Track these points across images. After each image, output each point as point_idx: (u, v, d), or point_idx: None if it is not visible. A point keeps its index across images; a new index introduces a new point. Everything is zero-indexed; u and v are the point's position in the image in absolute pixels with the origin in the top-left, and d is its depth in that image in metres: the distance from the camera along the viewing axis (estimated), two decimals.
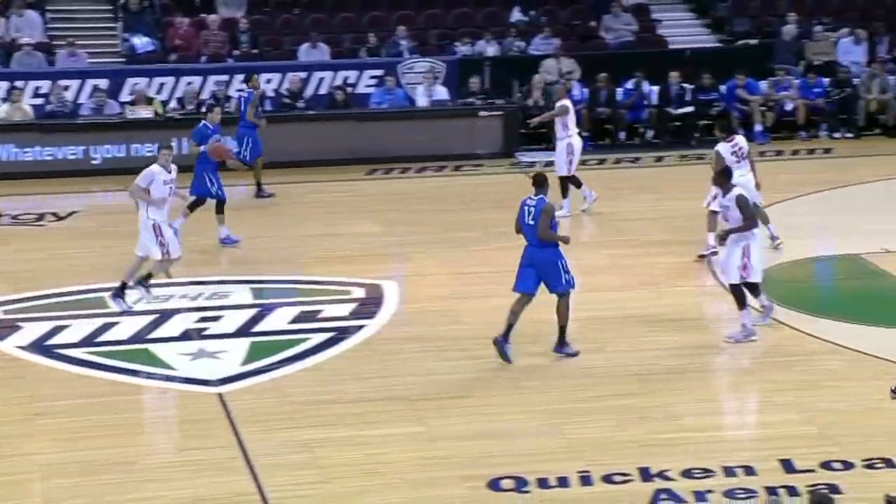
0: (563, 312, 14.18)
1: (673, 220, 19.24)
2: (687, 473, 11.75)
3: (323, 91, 23.74)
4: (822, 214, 19.61)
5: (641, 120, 23.74)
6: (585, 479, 11.69)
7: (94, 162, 22.47)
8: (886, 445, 12.15)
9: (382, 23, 25.56)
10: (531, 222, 13.87)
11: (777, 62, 24.41)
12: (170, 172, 15.65)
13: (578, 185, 19.50)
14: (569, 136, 19.30)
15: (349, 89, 23.64)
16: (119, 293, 15.72)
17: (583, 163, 22.27)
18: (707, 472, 11.77)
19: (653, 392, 13.53)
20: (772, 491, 11.25)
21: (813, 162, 23.06)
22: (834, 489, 11.21)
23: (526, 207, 13.92)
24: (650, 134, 23.68)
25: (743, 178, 16.59)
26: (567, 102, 19.59)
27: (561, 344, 14.31)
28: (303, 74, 23.67)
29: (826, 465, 11.84)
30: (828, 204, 19.80)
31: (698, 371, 13.99)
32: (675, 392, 13.54)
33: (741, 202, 14.45)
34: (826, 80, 23.80)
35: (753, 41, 25.31)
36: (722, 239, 14.77)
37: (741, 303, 14.67)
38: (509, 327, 14.09)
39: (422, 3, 26.25)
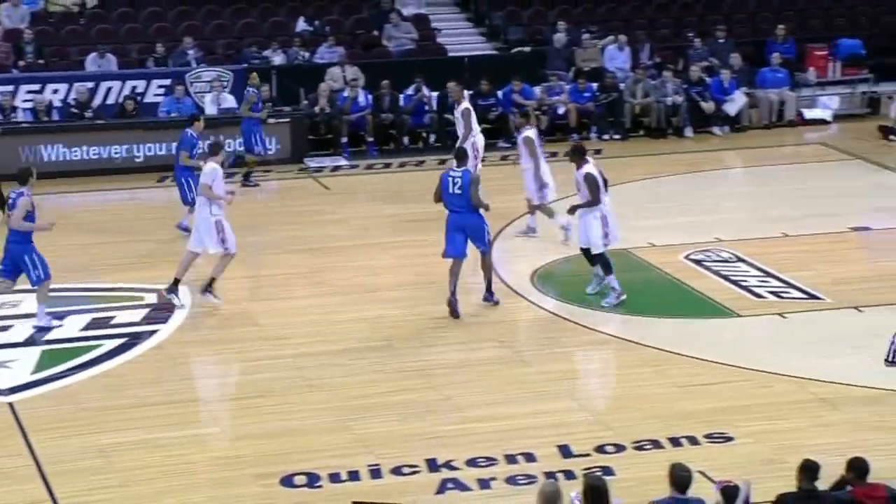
0: (487, 267, 15.75)
1: None
2: (472, 462, 11.95)
3: (111, 101, 23.31)
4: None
5: (424, 125, 23.95)
6: (375, 473, 11.79)
7: None
8: (654, 428, 12.57)
9: (169, 33, 25.23)
10: (458, 192, 15.14)
11: (549, 68, 24.89)
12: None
13: None
14: (472, 136, 19.41)
15: (138, 98, 23.25)
16: (173, 288, 15.85)
17: (369, 167, 22.42)
18: (490, 461, 11.99)
19: (437, 386, 13.70)
20: (550, 475, 11.52)
21: None
22: (608, 471, 11.54)
23: (450, 179, 15.19)
24: (433, 138, 23.90)
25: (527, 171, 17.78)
26: (468, 104, 19.73)
27: (489, 293, 15.81)
28: (90, 84, 23.20)
29: (600, 449, 12.18)
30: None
31: (480, 364, 14.21)
32: (459, 385, 13.73)
33: (589, 179, 15.37)
34: (595, 85, 24.36)
35: (527, 49, 25.76)
36: (571, 212, 16.11)
37: (607, 269, 15.62)
38: (455, 287, 15.29)
39: (209, 14, 25.99)
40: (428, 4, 27.25)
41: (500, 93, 23.96)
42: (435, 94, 23.58)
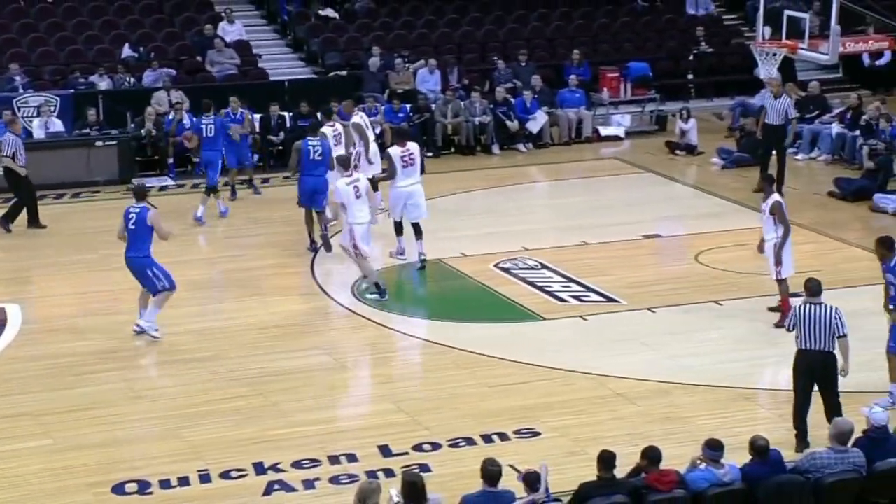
0: (320, 219, 17.82)
1: (276, 232, 19.30)
2: (297, 464, 11.90)
3: None
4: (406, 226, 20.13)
5: (248, 145, 23.64)
6: (204, 477, 11.66)
7: None
8: (467, 426, 12.68)
9: None
10: (318, 158, 17.59)
11: (365, 90, 24.90)
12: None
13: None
14: (360, 147, 19.48)
15: None
16: (376, 289, 16.19)
17: (195, 186, 22.11)
18: (314, 462, 11.96)
19: (264, 393, 13.59)
20: (371, 474, 11.54)
21: None
22: (425, 468, 11.61)
23: (311, 147, 17.32)
24: (256, 157, 23.65)
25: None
26: (358, 119, 19.90)
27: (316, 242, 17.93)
28: None
29: (418, 448, 12.24)
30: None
31: (304, 371, 14.14)
32: (284, 391, 13.65)
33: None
34: (408, 106, 24.46)
35: (344, 73, 25.76)
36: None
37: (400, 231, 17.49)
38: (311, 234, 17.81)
39: (34, 42, 25.35)
40: (249, 31, 27.03)
41: (318, 114, 23.85)
42: (258, 116, 23.40)
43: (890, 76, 27.07)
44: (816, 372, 12.02)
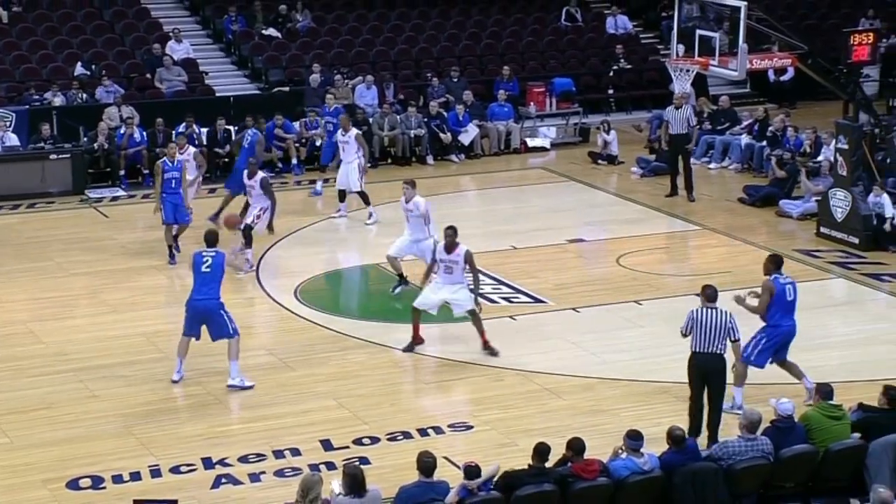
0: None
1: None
2: (243, 459, 11.82)
3: None
4: (345, 231, 20.05)
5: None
6: (155, 472, 11.55)
7: None
8: (404, 421, 12.67)
9: None
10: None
11: (307, 105, 24.82)
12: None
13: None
14: (359, 157, 19.82)
15: None
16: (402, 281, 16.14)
17: (145, 196, 21.88)
18: (260, 457, 11.88)
19: (212, 392, 13.48)
20: (314, 467, 11.48)
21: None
22: (364, 461, 11.57)
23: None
24: (203, 170, 23.44)
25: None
26: (355, 130, 20.27)
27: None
28: None
29: (358, 442, 12.21)
30: (351, 223, 20.26)
31: (250, 370, 14.00)
32: (232, 390, 13.53)
33: (263, 183, 17.60)
34: None
35: (286, 88, 25.64)
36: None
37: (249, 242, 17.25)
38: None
39: None
40: (196, 50, 26.82)
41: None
42: (205, 129, 23.22)
43: (793, 91, 27.42)
44: (709, 373, 12.01)
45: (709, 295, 12.26)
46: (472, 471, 9.90)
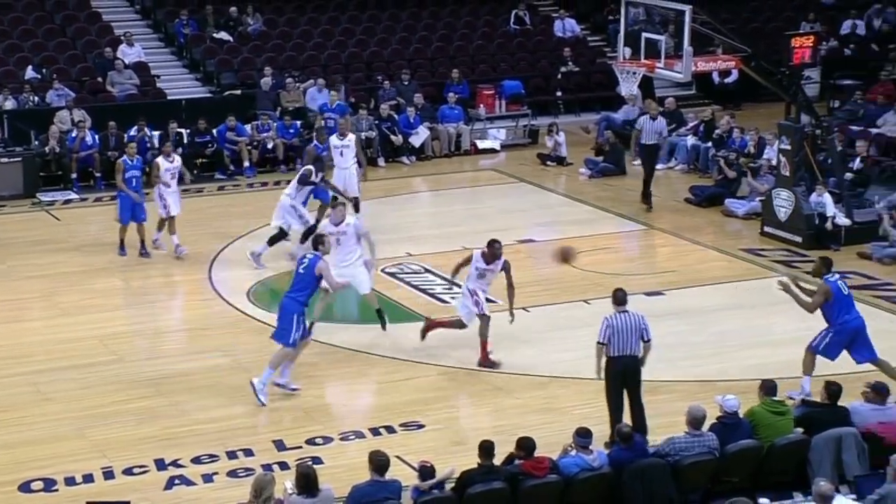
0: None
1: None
2: (196, 460, 11.76)
3: None
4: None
5: (147, 161, 23.29)
6: (108, 474, 11.46)
7: None
8: (356, 421, 12.65)
9: None
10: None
11: (259, 108, 24.67)
12: None
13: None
14: (355, 163, 19.42)
15: None
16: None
17: (98, 199, 21.69)
18: (213, 457, 11.82)
19: (166, 393, 13.40)
20: (267, 467, 11.43)
21: None
22: (317, 460, 11.55)
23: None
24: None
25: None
26: (353, 134, 19.88)
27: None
28: None
29: (310, 442, 12.18)
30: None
31: (204, 372, 13.97)
32: (185, 392, 13.48)
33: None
34: (299, 123, 24.29)
35: (238, 91, 25.50)
36: None
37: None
38: None
39: None
40: (148, 53, 26.61)
41: (215, 131, 23.62)
42: (157, 133, 23.04)
43: (738, 92, 27.65)
44: (627, 375, 12.00)
45: (619, 298, 12.26)
46: (426, 471, 9.91)
